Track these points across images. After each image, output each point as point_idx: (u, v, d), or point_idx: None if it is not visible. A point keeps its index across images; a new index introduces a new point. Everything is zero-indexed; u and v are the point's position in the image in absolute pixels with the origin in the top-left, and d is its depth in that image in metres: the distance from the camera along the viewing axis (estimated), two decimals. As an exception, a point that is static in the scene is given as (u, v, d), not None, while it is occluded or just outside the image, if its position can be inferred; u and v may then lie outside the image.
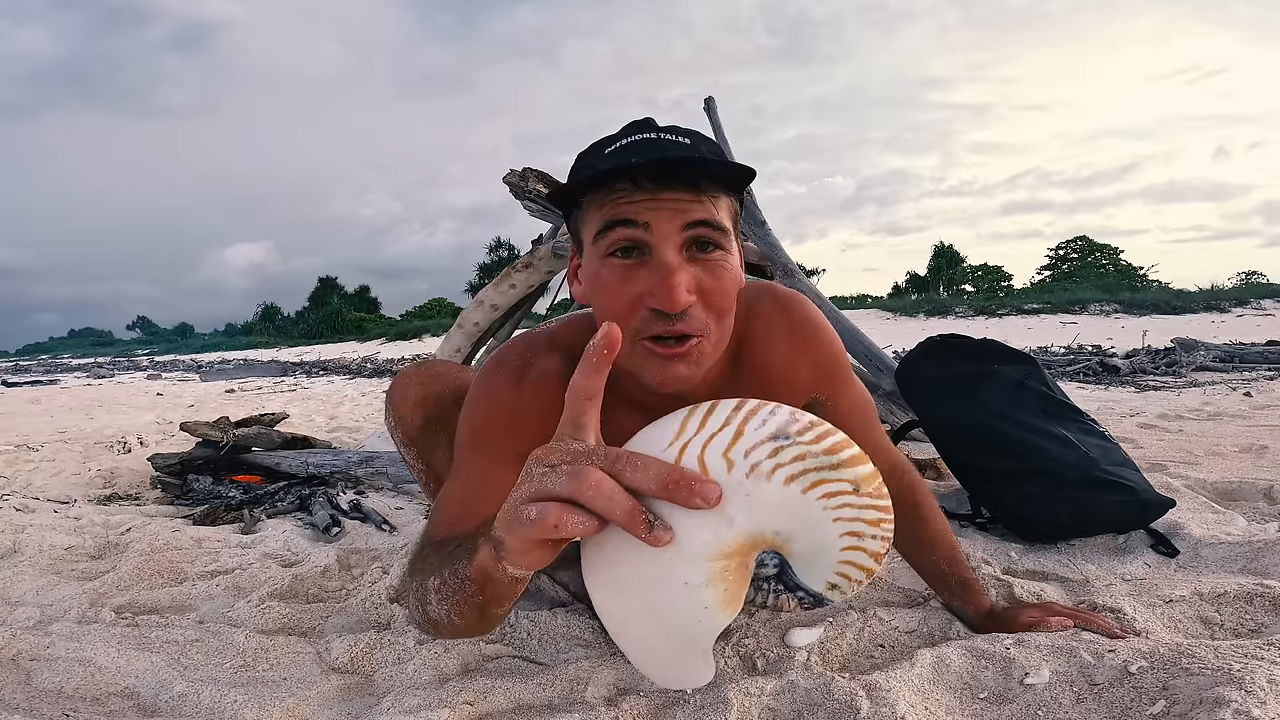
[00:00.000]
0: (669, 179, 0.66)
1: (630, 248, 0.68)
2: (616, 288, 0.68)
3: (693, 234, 0.68)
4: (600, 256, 0.70)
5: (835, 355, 0.90)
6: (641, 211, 0.66)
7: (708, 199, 0.68)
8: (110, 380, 9.50)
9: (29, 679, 0.92)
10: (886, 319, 16.09)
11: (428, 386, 1.02)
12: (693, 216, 0.67)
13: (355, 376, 8.67)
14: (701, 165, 0.67)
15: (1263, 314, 13.20)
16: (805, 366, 0.86)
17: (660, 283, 0.66)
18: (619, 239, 0.68)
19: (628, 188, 0.67)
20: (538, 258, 2.77)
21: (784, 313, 0.86)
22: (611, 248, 0.68)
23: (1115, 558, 1.24)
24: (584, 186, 0.69)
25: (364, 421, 3.86)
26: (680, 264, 0.67)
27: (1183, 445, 2.31)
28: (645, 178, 0.66)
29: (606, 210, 0.68)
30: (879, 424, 1.05)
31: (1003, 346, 1.66)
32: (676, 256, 0.67)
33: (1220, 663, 0.75)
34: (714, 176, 0.68)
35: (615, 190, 0.67)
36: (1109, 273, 27.78)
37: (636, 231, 0.67)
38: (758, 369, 0.83)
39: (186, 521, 1.74)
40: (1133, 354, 6.45)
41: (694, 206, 0.67)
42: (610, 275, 0.69)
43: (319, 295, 40.72)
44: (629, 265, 0.68)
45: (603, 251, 0.69)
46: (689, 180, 0.67)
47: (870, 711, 0.74)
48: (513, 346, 0.88)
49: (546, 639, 1.00)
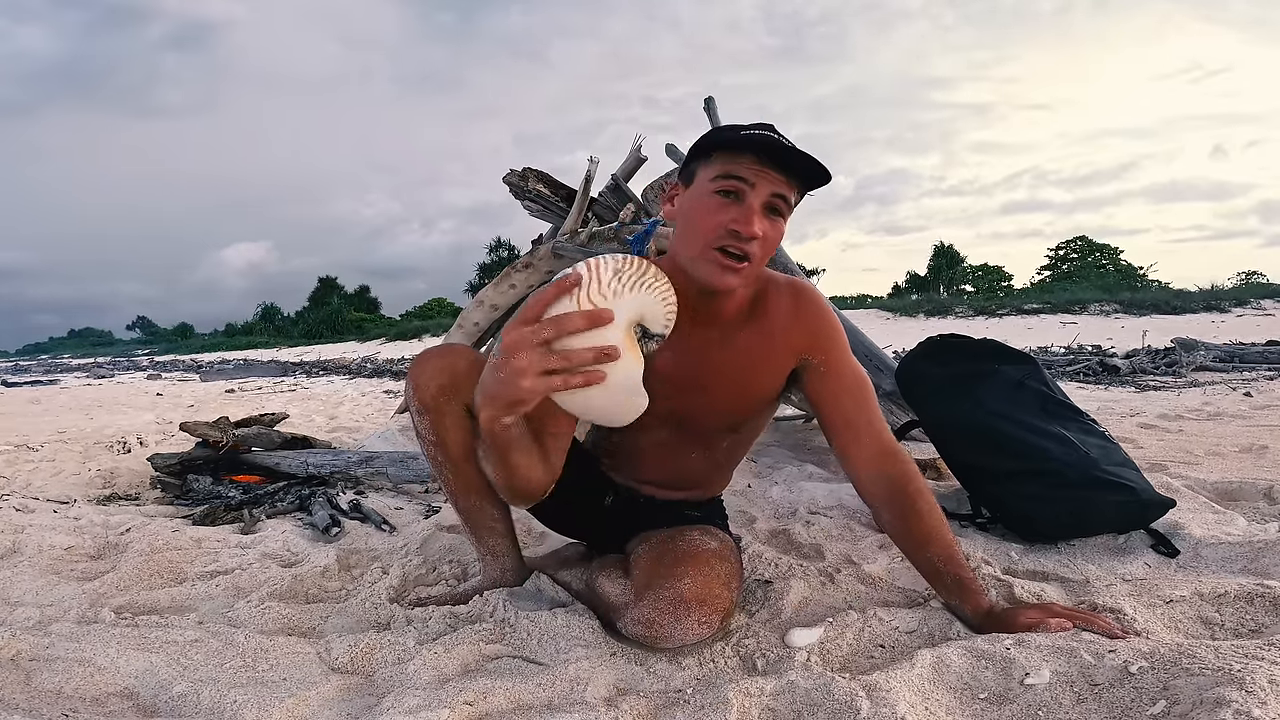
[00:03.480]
0: (777, 163, 0.95)
1: (732, 192, 0.95)
2: (715, 212, 0.96)
3: (772, 200, 0.96)
4: (711, 191, 0.97)
5: (829, 329, 1.10)
6: (751, 175, 0.95)
7: (791, 184, 0.97)
8: (110, 380, 9.50)
9: (29, 679, 0.92)
10: (886, 319, 16.09)
11: (445, 359, 1.09)
12: (778, 190, 0.96)
13: (355, 376, 8.67)
14: (798, 158, 0.94)
15: (1263, 314, 13.18)
16: (800, 332, 1.09)
17: (745, 216, 0.95)
18: (729, 185, 0.95)
19: (750, 159, 0.94)
20: (538, 258, 2.77)
21: (794, 290, 1.11)
22: (722, 189, 0.96)
23: (1115, 558, 1.24)
24: (723, 145, 0.96)
25: (364, 421, 3.86)
26: (759, 212, 0.96)
27: (1183, 445, 2.31)
28: (767, 156, 0.94)
29: (730, 166, 0.95)
30: (877, 408, 1.08)
31: (1003, 346, 1.66)
32: (760, 207, 0.96)
33: (1220, 663, 0.75)
34: (799, 173, 0.96)
35: (742, 156, 0.95)
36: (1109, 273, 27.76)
37: (742, 185, 0.95)
38: (762, 317, 1.09)
39: (186, 522, 1.74)
40: (1133, 354, 6.45)
41: (782, 185, 0.96)
42: (713, 204, 0.97)
43: (319, 295, 40.68)
44: (727, 202, 0.96)
45: (715, 189, 0.96)
46: (787, 169, 0.95)
47: (870, 712, 0.74)
48: None
49: (546, 639, 1.00)
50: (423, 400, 1.09)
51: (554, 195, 2.89)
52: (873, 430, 1.06)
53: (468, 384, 1.08)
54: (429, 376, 1.08)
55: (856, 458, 1.05)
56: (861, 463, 1.05)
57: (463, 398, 1.09)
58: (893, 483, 1.03)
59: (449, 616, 1.09)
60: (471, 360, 1.12)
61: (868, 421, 1.06)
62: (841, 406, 1.07)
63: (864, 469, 1.05)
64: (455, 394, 1.08)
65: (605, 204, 2.80)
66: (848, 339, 1.13)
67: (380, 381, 7.65)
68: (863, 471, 1.05)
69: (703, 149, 0.99)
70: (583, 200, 2.71)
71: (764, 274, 1.11)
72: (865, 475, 1.05)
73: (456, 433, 1.10)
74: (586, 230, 2.61)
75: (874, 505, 1.07)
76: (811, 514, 1.61)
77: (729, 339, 1.07)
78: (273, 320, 39.37)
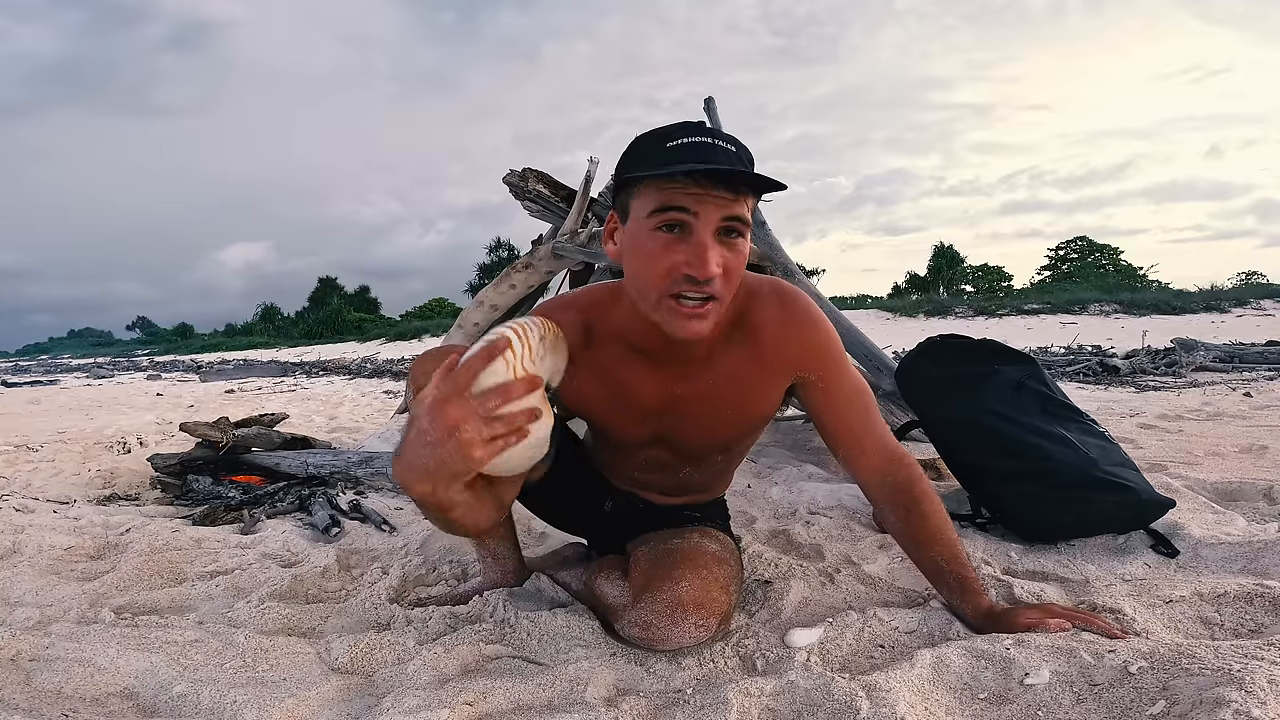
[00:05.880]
0: (717, 183, 0.83)
1: (675, 225, 0.85)
2: (660, 255, 0.85)
3: (726, 224, 0.85)
4: (650, 229, 0.86)
5: (823, 342, 1.02)
6: (692, 202, 0.83)
7: (741, 199, 0.85)
8: (110, 380, 9.50)
9: (29, 679, 0.92)
10: (886, 319, 16.08)
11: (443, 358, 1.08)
12: (729, 212, 0.84)
13: (355, 377, 8.66)
14: (744, 177, 0.83)
15: (1262, 314, 13.18)
16: (793, 348, 1.00)
17: (697, 256, 0.84)
18: (671, 219, 0.84)
19: (684, 181, 0.83)
20: (537, 258, 2.77)
21: (780, 299, 1.01)
22: (662, 224, 0.85)
23: (1115, 558, 1.24)
24: (655, 171, 0.84)
25: (364, 422, 3.86)
26: (713, 244, 0.84)
27: (1183, 445, 2.31)
28: (705, 178, 0.82)
29: (664, 195, 0.84)
30: (878, 413, 1.06)
31: (1003, 346, 1.66)
32: (711, 238, 0.84)
33: (1220, 663, 0.75)
34: (749, 184, 0.84)
35: (674, 180, 0.83)
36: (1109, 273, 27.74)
37: (685, 216, 0.84)
38: (749, 336, 1.00)
39: (186, 522, 1.74)
40: (1132, 354, 6.45)
41: (731, 204, 0.84)
42: (656, 245, 0.86)
43: (319, 295, 40.65)
44: (672, 239, 0.85)
45: (654, 225, 0.85)
46: (732, 185, 0.83)
47: (870, 712, 0.74)
48: (538, 308, 1.09)
49: (546, 639, 1.00)
50: None
51: (554, 195, 2.89)
52: (876, 438, 1.04)
53: None
54: (429, 376, 1.08)
55: (862, 466, 1.04)
56: (867, 470, 1.04)
57: None
58: (898, 487, 1.02)
59: (449, 617, 1.09)
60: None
61: (870, 430, 1.04)
62: (843, 418, 1.04)
63: (870, 476, 1.04)
64: None
65: (605, 204, 2.80)
66: (845, 339, 1.12)
67: (380, 382, 7.65)
68: (869, 478, 1.04)
69: (628, 180, 0.88)
70: (583, 201, 2.71)
71: (746, 284, 0.99)
72: (871, 481, 1.04)
73: None
74: (586, 231, 2.61)
75: (879, 508, 1.06)
76: (811, 514, 1.61)
77: (713, 363, 1.00)
78: (272, 320, 39.33)
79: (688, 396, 1.02)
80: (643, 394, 1.02)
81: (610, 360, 1.02)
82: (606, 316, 1.02)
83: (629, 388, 1.02)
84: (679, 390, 1.02)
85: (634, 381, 1.02)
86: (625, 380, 1.02)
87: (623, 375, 1.02)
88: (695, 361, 1.00)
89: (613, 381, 1.02)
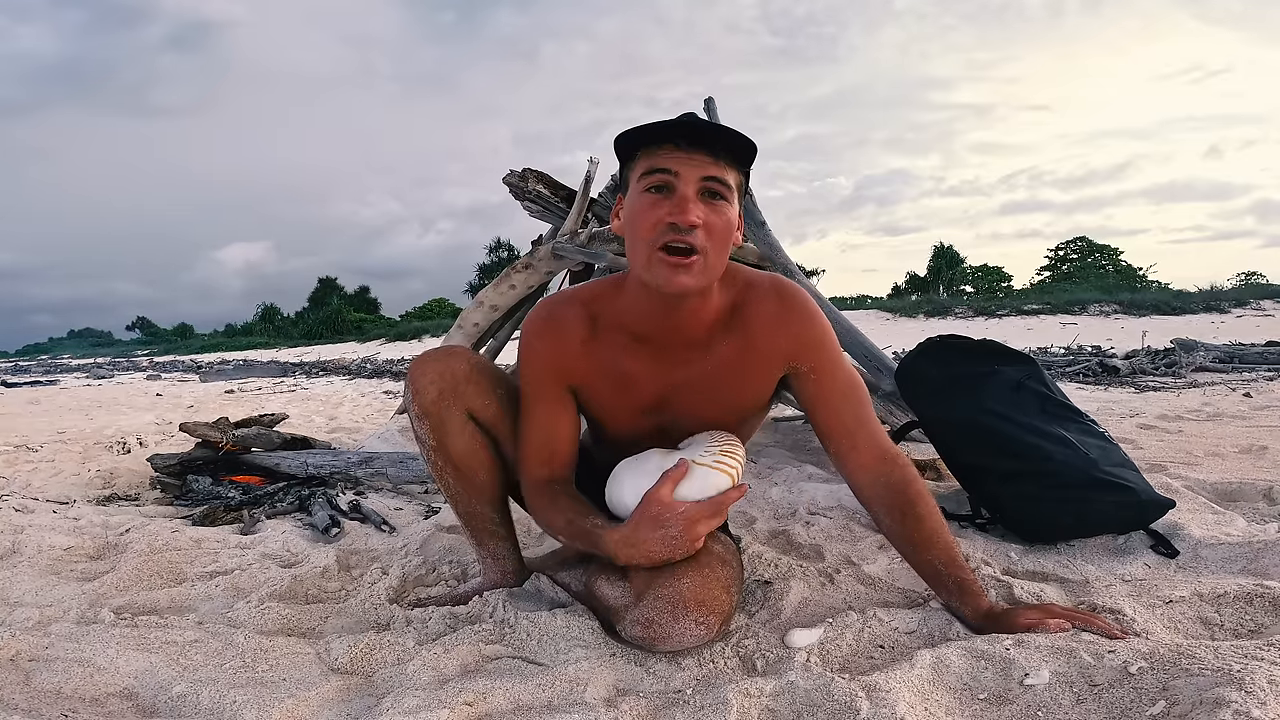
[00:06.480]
0: (696, 145, 0.92)
1: (662, 186, 0.93)
2: (647, 211, 0.94)
3: (706, 185, 0.93)
4: (640, 192, 0.95)
5: (817, 334, 1.05)
6: (674, 163, 0.92)
7: (721, 164, 0.94)
8: (110, 381, 9.50)
9: (29, 679, 0.92)
10: (886, 319, 16.09)
11: (445, 363, 1.10)
12: (708, 172, 0.93)
13: (355, 377, 8.66)
14: (718, 136, 0.94)
15: (1262, 314, 13.19)
16: (786, 338, 1.04)
17: (678, 205, 0.92)
18: (656, 180, 0.93)
19: (669, 148, 0.93)
20: (537, 258, 2.77)
21: (777, 292, 1.05)
22: (649, 185, 0.94)
23: (1115, 558, 1.24)
24: (640, 143, 0.95)
25: (363, 422, 3.86)
26: (694, 199, 0.92)
27: (1182, 446, 2.31)
28: (683, 141, 0.92)
29: (651, 160, 0.94)
30: (872, 411, 1.06)
31: (1002, 347, 1.66)
32: (692, 194, 0.93)
33: (1220, 663, 0.75)
34: (727, 147, 0.94)
35: (661, 148, 0.93)
36: (1109, 273, 27.74)
37: (668, 176, 0.93)
38: (745, 327, 1.04)
39: (186, 522, 1.74)
40: (1132, 355, 6.46)
41: (710, 166, 0.93)
42: (644, 203, 0.94)
43: (318, 295, 40.64)
44: (659, 198, 0.93)
45: (643, 188, 0.95)
46: (710, 148, 0.93)
47: (870, 712, 0.74)
48: (541, 302, 1.14)
49: (546, 639, 0.99)
50: (422, 405, 1.08)
51: (554, 196, 2.89)
52: (869, 435, 1.04)
53: (467, 388, 1.09)
54: (428, 381, 1.08)
55: (854, 463, 1.04)
56: (859, 468, 1.03)
57: (463, 402, 1.09)
58: (892, 487, 1.02)
59: (449, 617, 1.09)
60: (471, 364, 1.12)
61: (863, 426, 1.04)
62: (835, 412, 1.05)
63: (862, 474, 1.03)
64: (455, 398, 1.08)
65: (605, 204, 2.80)
66: (844, 339, 1.13)
67: (380, 382, 7.65)
68: (860, 477, 1.04)
69: (625, 153, 0.98)
70: (583, 201, 2.71)
71: (744, 277, 1.06)
72: (863, 480, 1.04)
73: (457, 438, 1.09)
74: (586, 231, 2.61)
75: (873, 509, 1.05)
76: (811, 514, 1.61)
77: (709, 350, 1.04)
78: (272, 321, 39.32)
79: (686, 384, 1.05)
80: (644, 384, 1.06)
81: (614, 350, 1.05)
82: (610, 306, 1.06)
83: (631, 378, 1.06)
84: (678, 378, 1.05)
85: (636, 371, 1.06)
86: (627, 370, 1.06)
87: (625, 365, 1.06)
88: (694, 348, 1.04)
89: (616, 373, 1.06)
